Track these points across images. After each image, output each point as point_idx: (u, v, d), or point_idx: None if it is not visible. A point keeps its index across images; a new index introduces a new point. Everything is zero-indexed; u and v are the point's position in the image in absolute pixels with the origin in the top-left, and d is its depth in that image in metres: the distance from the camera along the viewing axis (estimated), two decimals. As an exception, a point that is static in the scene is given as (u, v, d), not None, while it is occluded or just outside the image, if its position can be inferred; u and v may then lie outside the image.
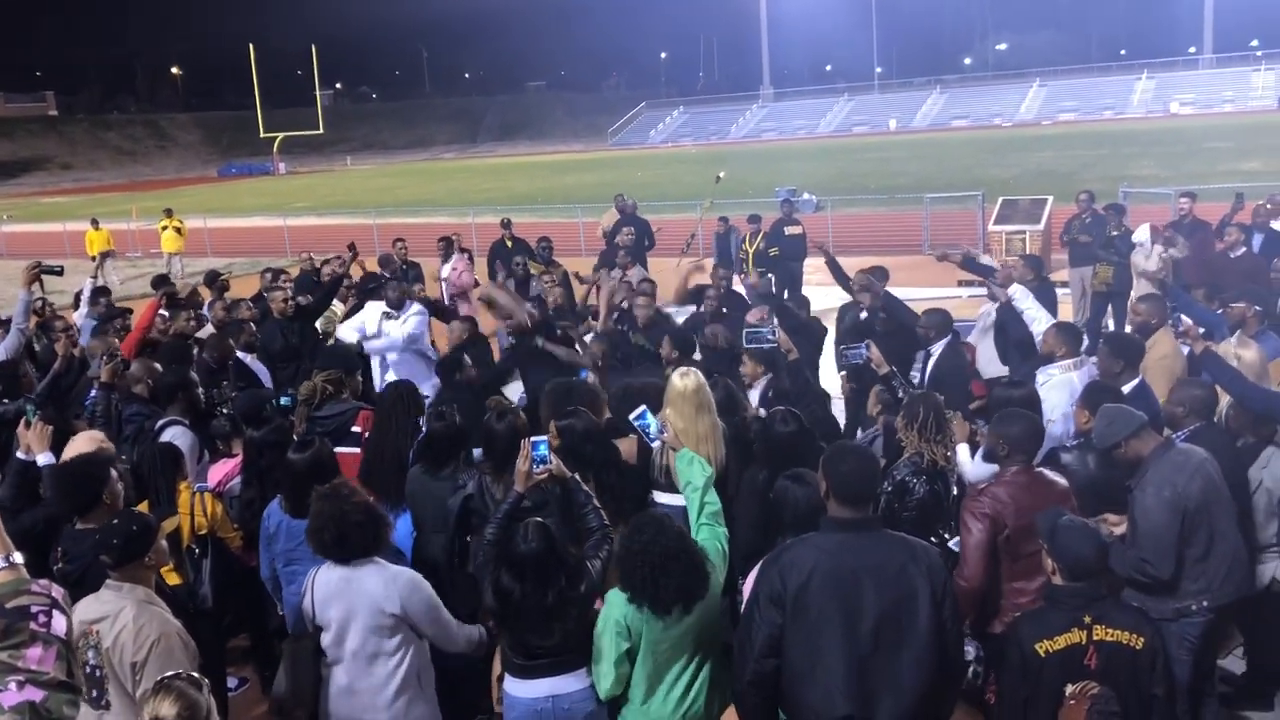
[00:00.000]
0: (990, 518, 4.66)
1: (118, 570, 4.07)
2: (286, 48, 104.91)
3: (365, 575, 4.44)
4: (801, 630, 3.76)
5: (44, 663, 2.23)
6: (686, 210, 24.92)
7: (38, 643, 2.26)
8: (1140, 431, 4.95)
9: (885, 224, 27.28)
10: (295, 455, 5.34)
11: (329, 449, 5.53)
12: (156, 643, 3.90)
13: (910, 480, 5.13)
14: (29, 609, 2.30)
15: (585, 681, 4.30)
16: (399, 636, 4.46)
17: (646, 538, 4.05)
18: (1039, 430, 5.10)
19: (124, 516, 4.21)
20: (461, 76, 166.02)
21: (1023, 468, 4.84)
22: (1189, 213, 12.81)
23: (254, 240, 33.29)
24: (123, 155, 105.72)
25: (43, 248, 34.60)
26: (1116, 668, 3.74)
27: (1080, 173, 34.25)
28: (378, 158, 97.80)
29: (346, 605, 4.43)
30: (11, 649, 2.24)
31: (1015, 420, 4.96)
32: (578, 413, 5.56)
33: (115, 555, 4.06)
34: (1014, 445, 4.85)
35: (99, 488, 4.81)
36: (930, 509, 5.03)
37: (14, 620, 2.28)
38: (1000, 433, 4.91)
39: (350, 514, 4.44)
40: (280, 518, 5.36)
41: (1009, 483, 4.78)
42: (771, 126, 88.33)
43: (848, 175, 42.25)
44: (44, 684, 2.20)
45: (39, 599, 2.33)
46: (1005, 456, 4.86)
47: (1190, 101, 72.22)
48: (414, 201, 43.50)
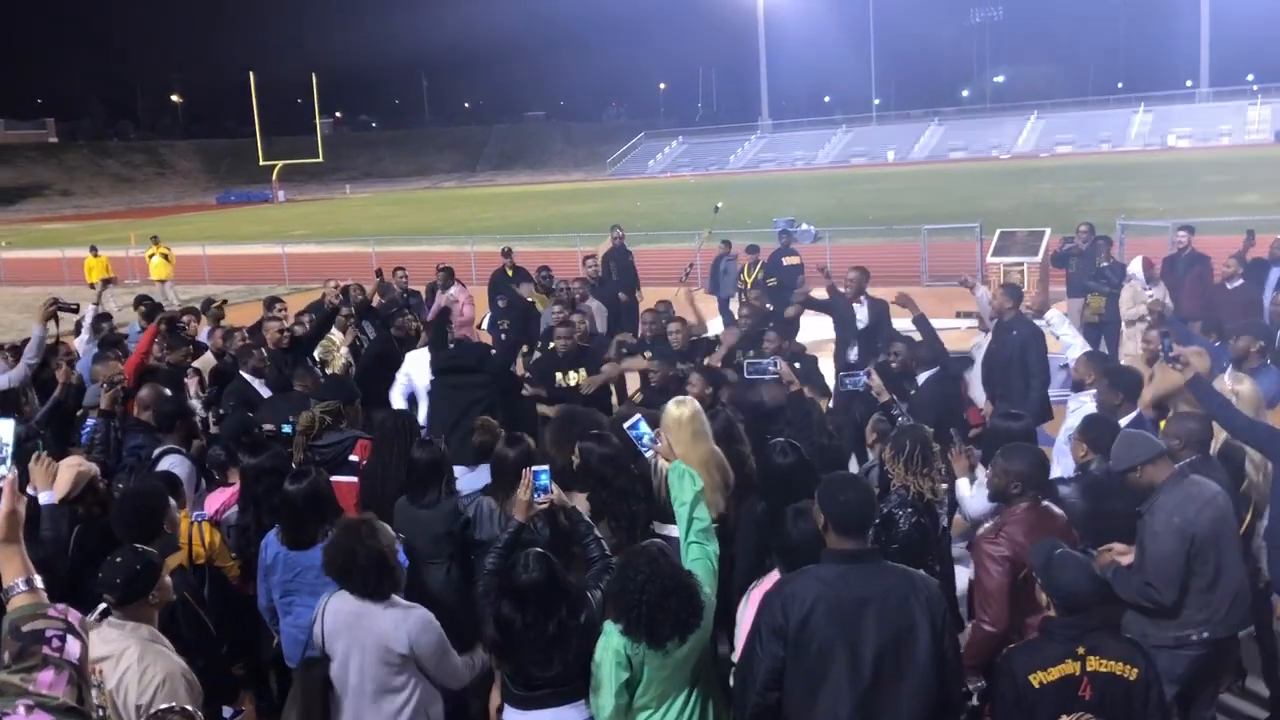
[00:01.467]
0: (1010, 560, 4.65)
1: (121, 609, 3.98)
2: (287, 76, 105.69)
3: (377, 611, 4.42)
4: (804, 662, 3.77)
5: (55, 687, 2.25)
6: (685, 240, 25.04)
7: (50, 666, 2.28)
8: (1157, 459, 4.98)
9: (883, 255, 27.32)
10: (292, 486, 5.28)
11: (325, 479, 5.48)
12: (161, 685, 3.82)
13: (896, 513, 5.12)
14: (44, 633, 2.33)
15: (585, 713, 4.28)
16: (406, 674, 4.45)
17: (643, 577, 4.02)
18: (1045, 463, 5.10)
19: (127, 554, 4.10)
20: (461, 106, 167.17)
21: (1031, 503, 4.86)
22: (1187, 246, 12.87)
23: (252, 268, 33.34)
24: (122, 182, 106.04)
25: (42, 275, 34.72)
26: (1111, 699, 3.74)
27: (1078, 205, 34.41)
28: (377, 186, 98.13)
29: (354, 639, 4.42)
30: (24, 671, 2.26)
31: (1022, 456, 4.96)
32: (601, 436, 5.59)
33: (119, 594, 3.97)
34: (1025, 482, 4.86)
35: (160, 518, 4.92)
36: (916, 543, 5.02)
37: (28, 643, 2.31)
38: (1009, 469, 4.90)
39: (359, 555, 4.40)
40: (278, 549, 5.31)
41: (1021, 520, 4.78)
42: (770, 157, 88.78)
43: (846, 206, 42.43)
44: (52, 709, 2.21)
45: (54, 623, 2.36)
46: (1017, 494, 4.87)
47: (1187, 134, 72.69)
48: (413, 230, 43.65)
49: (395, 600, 4.49)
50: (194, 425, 7.01)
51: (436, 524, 5.58)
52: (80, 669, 2.33)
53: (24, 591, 2.42)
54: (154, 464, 6.43)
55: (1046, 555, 3.99)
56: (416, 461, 5.75)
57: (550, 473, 4.83)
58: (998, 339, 8.74)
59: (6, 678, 2.25)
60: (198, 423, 7.14)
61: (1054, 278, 17.59)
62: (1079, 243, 13.87)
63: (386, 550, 4.50)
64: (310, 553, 5.15)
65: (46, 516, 4.98)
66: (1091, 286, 12.84)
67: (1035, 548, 4.15)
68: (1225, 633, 4.94)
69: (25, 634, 2.32)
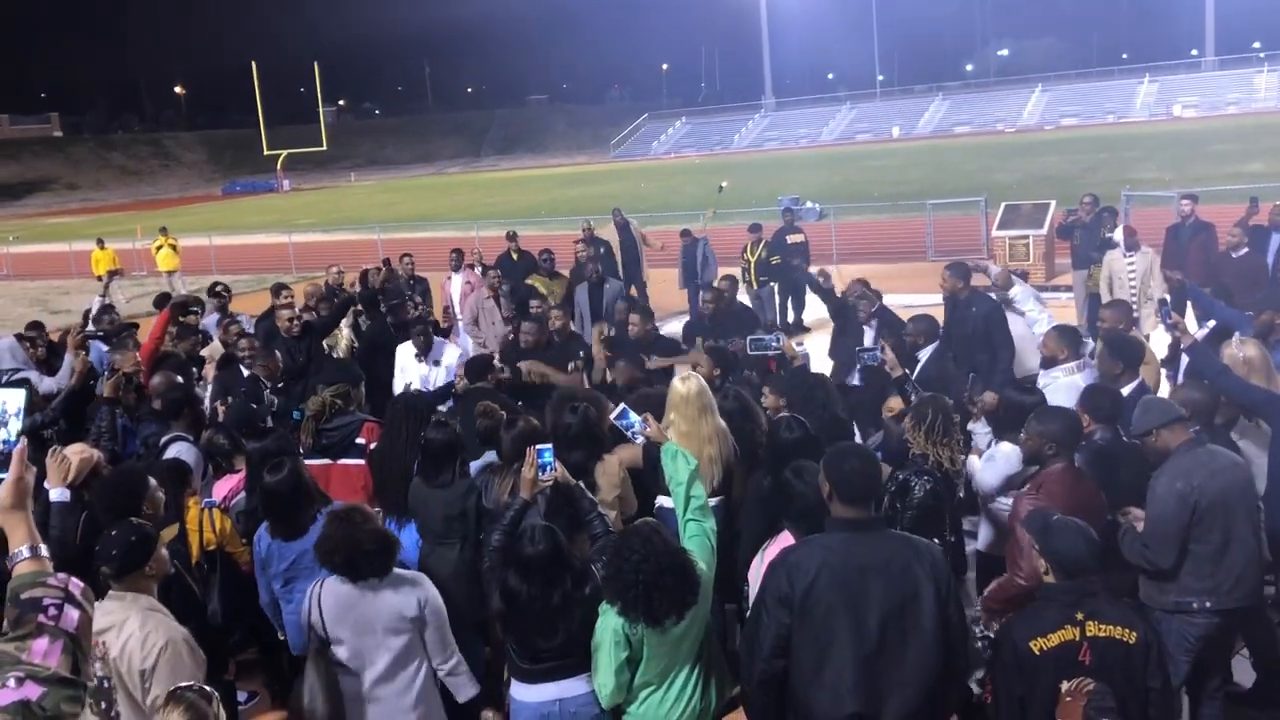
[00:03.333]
0: None
1: (119, 581, 4.04)
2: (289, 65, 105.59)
3: (379, 590, 4.50)
4: (809, 630, 3.81)
5: (49, 656, 2.23)
6: (690, 220, 24.96)
7: (44, 635, 2.26)
8: (1173, 424, 5.02)
9: (889, 231, 27.31)
10: (271, 479, 5.27)
11: (301, 465, 5.47)
12: (164, 649, 3.88)
13: (912, 480, 5.16)
14: (41, 601, 2.31)
15: (590, 685, 4.34)
16: (416, 641, 4.52)
17: (637, 557, 4.07)
18: (1079, 425, 5.15)
19: (122, 527, 4.16)
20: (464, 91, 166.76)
21: (1067, 464, 4.91)
22: (1191, 214, 12.82)
23: (258, 257, 33.40)
24: (127, 175, 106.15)
25: (49, 268, 34.82)
26: (1111, 663, 3.76)
27: (1083, 177, 34.26)
28: (381, 173, 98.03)
29: (362, 617, 4.46)
30: (19, 640, 2.25)
31: (1055, 417, 5.03)
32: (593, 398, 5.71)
33: (116, 566, 4.03)
34: (1060, 443, 4.91)
35: (138, 500, 4.89)
36: (930, 510, 5.05)
37: (25, 611, 2.30)
38: (1043, 432, 4.95)
39: (364, 541, 4.46)
40: (269, 541, 5.33)
41: (1059, 479, 4.84)
42: (774, 136, 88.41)
43: (851, 183, 42.30)
44: (43, 680, 2.17)
45: (53, 592, 2.34)
46: (1052, 455, 4.91)
47: (1193, 104, 72.13)
48: (418, 216, 43.64)
49: (392, 574, 4.57)
50: (201, 413, 7.06)
51: (450, 504, 5.64)
52: (77, 639, 2.31)
53: (27, 559, 2.41)
54: (162, 451, 6.48)
55: (1044, 521, 4.02)
56: (431, 442, 5.80)
57: (554, 450, 4.87)
58: (954, 317, 8.60)
59: (2, 646, 2.24)
60: (205, 410, 7.18)
61: (1059, 250, 17.56)
62: (1082, 214, 13.82)
63: (385, 530, 4.61)
64: (303, 540, 5.19)
65: (56, 514, 5.00)
66: (1095, 258, 12.80)
67: (1032, 514, 4.19)
68: (1230, 604, 4.94)
69: (23, 601, 2.31)
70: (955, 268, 8.77)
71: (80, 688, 2.26)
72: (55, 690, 2.18)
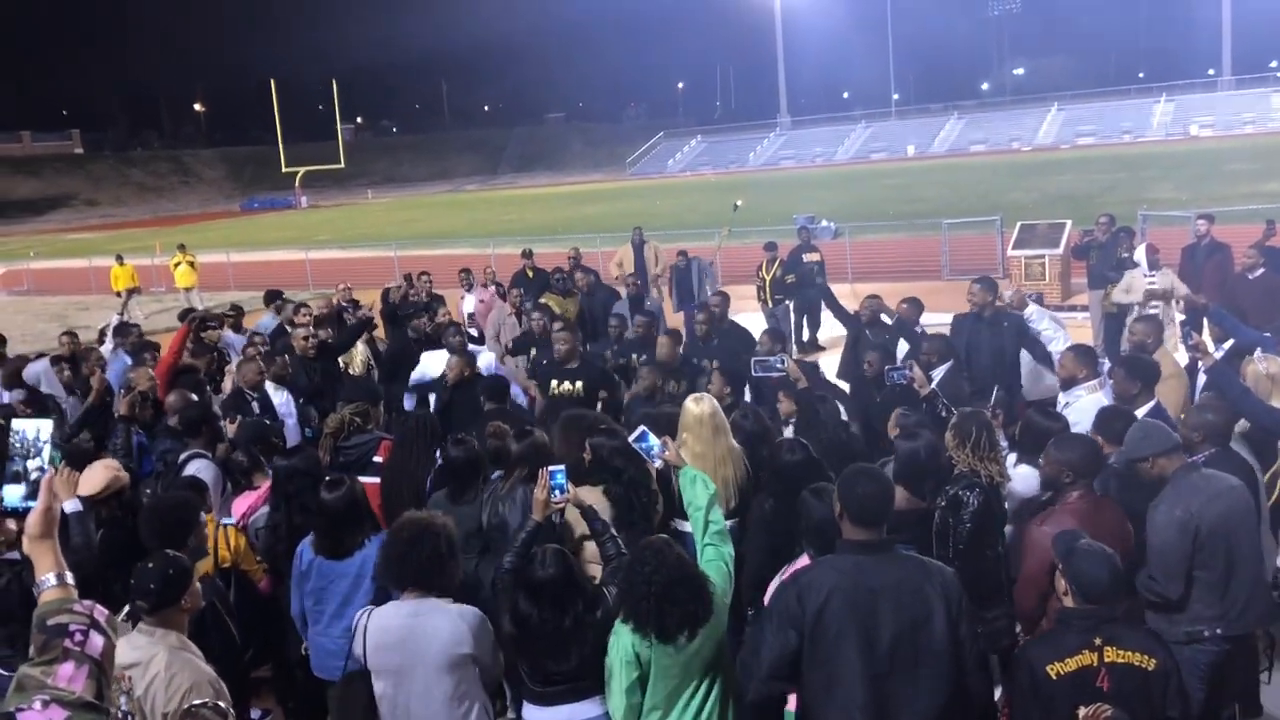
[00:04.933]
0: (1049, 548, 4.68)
1: (153, 614, 3.97)
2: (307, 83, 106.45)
3: (430, 615, 4.35)
4: (820, 652, 3.81)
5: (74, 681, 2.28)
6: (705, 239, 25.02)
7: (70, 660, 2.31)
8: (1171, 451, 4.98)
9: (904, 250, 27.28)
10: (330, 495, 5.23)
11: (360, 487, 5.44)
12: (188, 693, 3.81)
13: (964, 495, 5.15)
14: (67, 627, 2.36)
15: (602, 708, 4.33)
16: (469, 677, 4.38)
17: (649, 569, 4.07)
18: (1098, 452, 5.11)
19: (159, 560, 4.08)
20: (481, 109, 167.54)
21: (1084, 492, 4.87)
22: (1207, 234, 12.78)
23: (276, 274, 33.54)
24: (147, 191, 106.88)
25: (68, 284, 35.06)
26: (1129, 690, 3.73)
27: (1099, 196, 34.18)
28: (399, 190, 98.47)
29: (412, 651, 4.32)
30: (45, 664, 2.30)
31: (1074, 445, 4.99)
32: (610, 431, 5.66)
33: (153, 600, 3.96)
34: (1077, 471, 4.88)
35: (189, 530, 4.92)
36: (984, 524, 5.04)
37: (51, 636, 2.35)
38: (1061, 459, 4.92)
39: (441, 543, 4.39)
40: (312, 557, 5.28)
41: (1074, 510, 4.80)
42: (789, 154, 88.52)
43: (866, 202, 42.27)
44: (68, 703, 2.23)
45: (79, 618, 2.39)
46: (1070, 483, 4.89)
47: (1210, 124, 71.93)
48: (435, 234, 43.79)
49: (445, 603, 4.43)
50: (219, 430, 7.09)
51: (470, 520, 5.65)
52: (102, 665, 2.36)
53: (54, 586, 2.47)
54: (180, 469, 6.51)
55: (1070, 543, 4.00)
56: (454, 460, 5.82)
57: (566, 472, 4.88)
58: (979, 333, 8.59)
59: (28, 670, 2.29)
60: (222, 427, 7.21)
61: (1075, 270, 17.52)
62: (1099, 234, 13.80)
63: (455, 536, 4.52)
64: (345, 563, 5.17)
65: (75, 523, 5.04)
66: (1111, 278, 12.75)
67: (1060, 535, 4.17)
68: (1242, 630, 4.89)
69: (50, 627, 2.36)
70: (985, 282, 8.78)
71: (104, 713, 2.31)
72: (79, 714, 2.24)
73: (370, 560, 5.09)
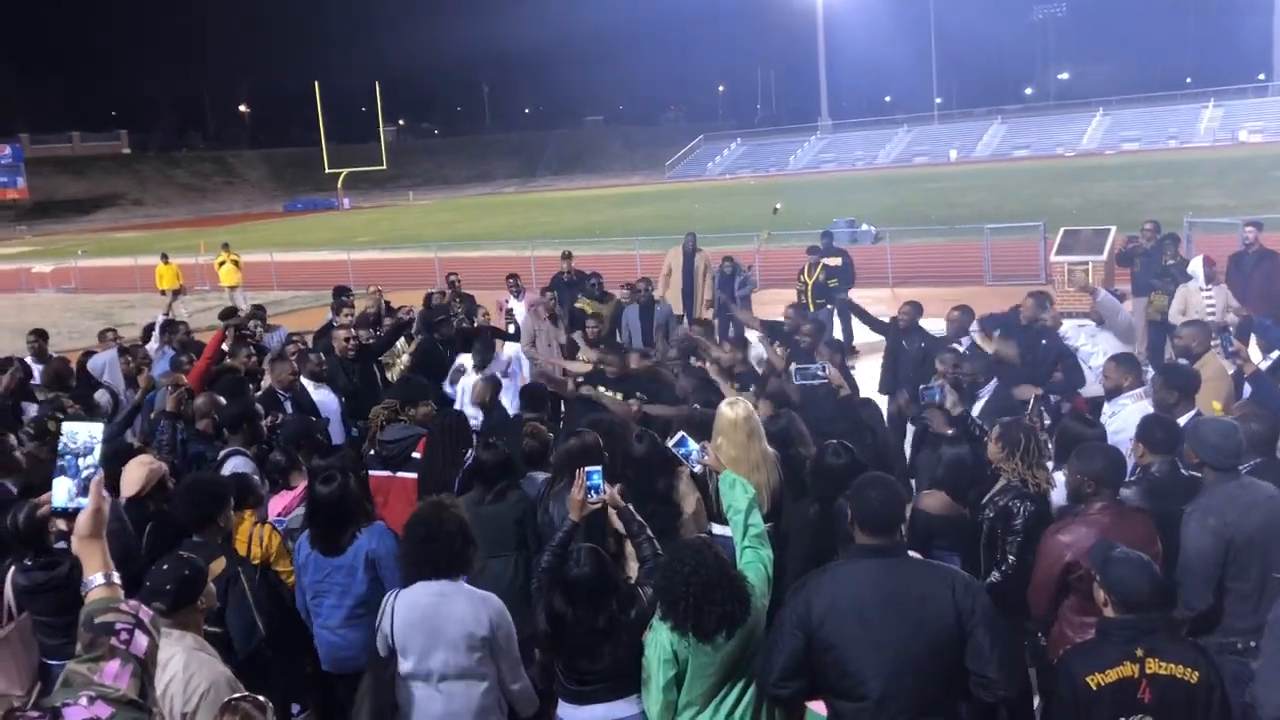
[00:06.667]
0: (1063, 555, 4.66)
1: (170, 616, 4.00)
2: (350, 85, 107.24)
3: (454, 597, 4.44)
4: (830, 656, 3.84)
5: (119, 679, 2.32)
6: (745, 242, 24.97)
7: (116, 658, 2.36)
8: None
9: (945, 254, 27.09)
10: (323, 489, 5.29)
11: (354, 485, 5.47)
12: (206, 693, 3.86)
13: (1015, 505, 5.13)
14: (114, 625, 2.42)
15: (637, 707, 4.35)
16: (485, 658, 4.47)
17: (688, 569, 4.08)
18: (1122, 463, 5.07)
19: (174, 561, 4.15)
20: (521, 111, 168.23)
21: (1108, 503, 4.82)
22: (1255, 242, 12.58)
23: (318, 274, 33.89)
24: (191, 191, 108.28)
25: (114, 282, 35.58)
26: (1171, 702, 3.68)
27: (1144, 203, 33.77)
28: (439, 192, 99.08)
29: (434, 630, 4.42)
30: (91, 662, 2.35)
31: (1097, 456, 4.94)
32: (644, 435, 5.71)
33: (169, 601, 4.00)
34: (1100, 481, 4.83)
35: (220, 507, 5.07)
36: (1037, 530, 5.01)
37: (98, 634, 2.40)
38: (1084, 470, 4.87)
39: (446, 522, 4.46)
40: (309, 551, 5.35)
41: (1094, 521, 4.74)
42: (830, 158, 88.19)
43: (907, 206, 42.05)
44: (113, 700, 2.27)
45: (125, 617, 2.45)
46: (1092, 494, 4.84)
47: (1259, 129, 70.74)
48: (475, 235, 44.04)
49: (469, 588, 4.53)
50: (260, 428, 7.15)
51: (503, 516, 5.71)
52: (145, 664, 2.40)
53: (101, 585, 2.52)
54: (219, 465, 6.58)
55: (1105, 552, 3.96)
56: (484, 463, 5.88)
57: (603, 472, 4.88)
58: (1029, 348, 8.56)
59: (75, 667, 2.34)
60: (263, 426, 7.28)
61: (1119, 277, 17.32)
62: (1143, 241, 13.65)
63: (466, 519, 4.58)
64: (340, 556, 5.24)
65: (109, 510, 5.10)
66: (1156, 285, 12.62)
67: (1096, 545, 4.13)
68: None
69: (97, 625, 2.41)
70: (1038, 297, 8.76)
71: (146, 712, 2.36)
72: (123, 712, 2.28)
73: (363, 551, 5.21)
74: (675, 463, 5.74)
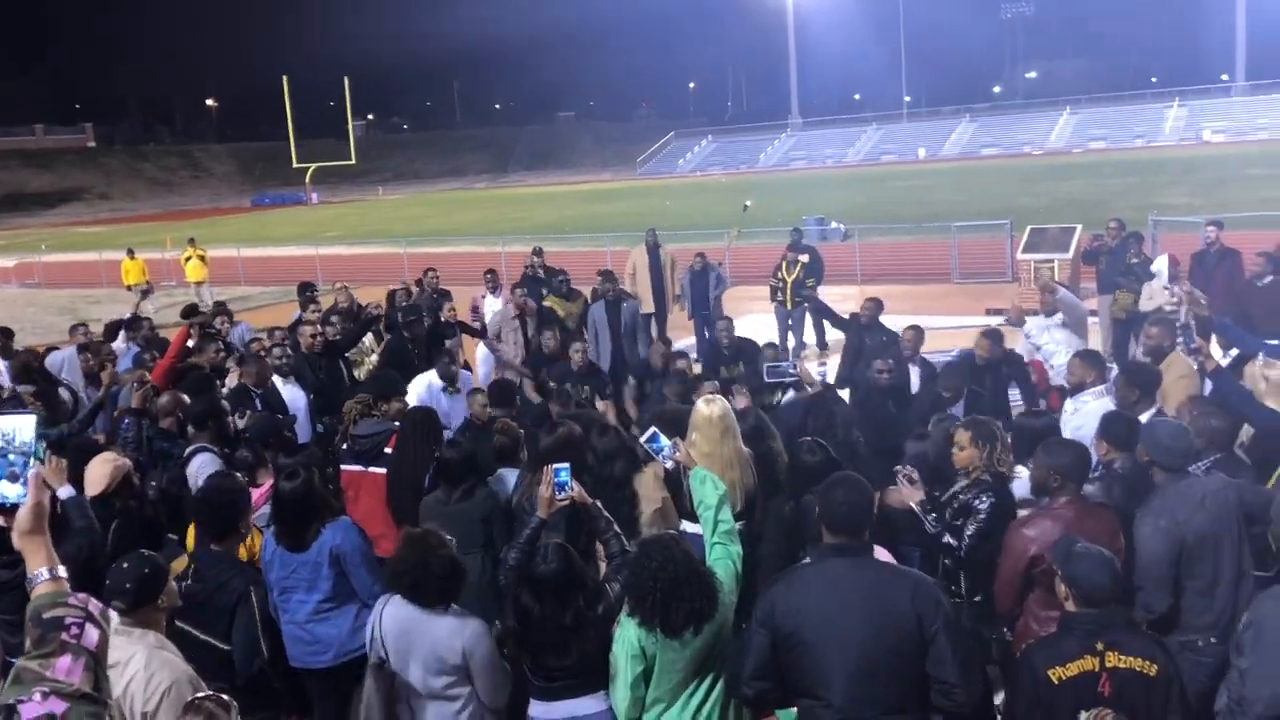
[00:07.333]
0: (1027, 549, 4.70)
1: (131, 615, 3.99)
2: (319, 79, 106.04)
3: (434, 619, 4.45)
4: (795, 655, 3.87)
5: (71, 674, 2.31)
6: (715, 239, 25.00)
7: (67, 653, 2.33)
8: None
9: (914, 252, 27.25)
10: (284, 485, 5.28)
11: (318, 481, 5.45)
12: (167, 691, 3.84)
13: (976, 501, 5.17)
14: (63, 620, 2.38)
15: (605, 703, 4.37)
16: (459, 682, 4.47)
17: (655, 564, 4.11)
18: (1088, 459, 5.11)
19: (134, 560, 4.11)
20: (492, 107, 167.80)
21: (1072, 498, 4.86)
22: (1216, 241, 12.74)
23: (286, 270, 33.62)
24: (158, 186, 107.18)
25: (79, 277, 35.18)
26: (1131, 695, 3.73)
27: (1110, 201, 34.07)
28: (409, 187, 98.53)
29: (410, 644, 4.45)
30: (42, 658, 2.32)
31: (1063, 450, 4.98)
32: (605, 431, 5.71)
33: (129, 600, 3.98)
34: (1065, 476, 4.87)
35: (241, 516, 5.06)
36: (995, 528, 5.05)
37: (47, 630, 2.37)
38: (1050, 464, 4.91)
39: (432, 565, 4.42)
40: (275, 547, 5.32)
41: (1058, 515, 4.79)
42: (800, 155, 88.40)
43: (876, 204, 42.23)
44: (67, 695, 2.26)
45: (74, 611, 2.41)
46: (1058, 488, 4.88)
47: (1223, 129, 71.56)
48: (444, 231, 43.84)
49: (455, 610, 4.52)
50: (226, 425, 7.10)
51: (470, 513, 5.71)
52: (98, 656, 2.39)
53: (47, 580, 2.48)
54: (185, 462, 6.53)
55: (1067, 547, 4.00)
56: (448, 462, 5.88)
57: (570, 469, 4.89)
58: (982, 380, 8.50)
59: (25, 664, 2.31)
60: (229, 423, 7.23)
61: (1085, 274, 17.49)
62: (1108, 239, 13.77)
63: (456, 556, 4.55)
64: (303, 554, 5.22)
65: (73, 508, 5.06)
66: (1121, 283, 12.74)
67: (1059, 540, 4.17)
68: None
69: (46, 620, 2.38)
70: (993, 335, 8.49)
71: (101, 704, 2.34)
72: (78, 706, 2.27)
73: (328, 546, 5.19)
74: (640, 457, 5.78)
